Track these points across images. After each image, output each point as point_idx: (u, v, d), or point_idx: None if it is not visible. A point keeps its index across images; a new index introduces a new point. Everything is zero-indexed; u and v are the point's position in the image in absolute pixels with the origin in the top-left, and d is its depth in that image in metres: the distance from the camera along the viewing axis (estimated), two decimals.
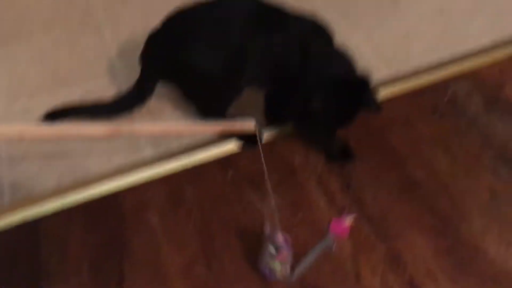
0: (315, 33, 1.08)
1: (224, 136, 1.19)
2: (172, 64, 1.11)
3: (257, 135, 1.18)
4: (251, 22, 1.05)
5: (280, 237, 0.94)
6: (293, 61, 1.05)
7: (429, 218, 1.03)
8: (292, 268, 0.97)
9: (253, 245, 1.00)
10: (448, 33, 1.39)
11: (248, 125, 1.01)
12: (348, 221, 1.03)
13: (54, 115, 1.20)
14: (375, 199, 1.07)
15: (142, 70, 1.18)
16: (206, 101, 1.16)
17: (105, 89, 1.31)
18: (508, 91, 1.25)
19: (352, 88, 0.99)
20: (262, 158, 0.97)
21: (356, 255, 0.99)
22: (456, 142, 1.16)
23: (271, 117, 1.17)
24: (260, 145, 1.00)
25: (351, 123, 1.03)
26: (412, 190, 1.08)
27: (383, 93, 1.26)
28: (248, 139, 1.20)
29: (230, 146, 1.18)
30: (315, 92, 1.00)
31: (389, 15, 1.45)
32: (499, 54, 1.32)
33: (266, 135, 1.19)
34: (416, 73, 1.30)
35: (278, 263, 0.93)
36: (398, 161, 1.13)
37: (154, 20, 1.15)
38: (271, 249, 0.93)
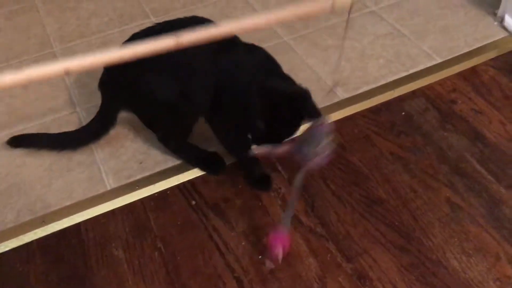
0: (262, 62, 1.08)
1: (186, 163, 1.19)
2: (128, 92, 1.10)
3: (220, 160, 1.18)
4: (202, 47, 1.05)
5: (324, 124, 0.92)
6: (238, 87, 1.05)
7: (392, 235, 1.05)
8: None
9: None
10: (402, 53, 1.43)
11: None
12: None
13: (18, 141, 1.22)
14: (339, 218, 1.08)
15: (102, 100, 1.17)
16: (165, 129, 1.16)
17: (64, 123, 1.29)
18: (460, 106, 1.29)
19: (293, 102, 1.00)
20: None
21: (323, 275, 0.99)
22: (414, 158, 1.18)
23: (229, 146, 1.17)
24: None
25: (293, 134, 1.04)
26: (375, 207, 1.10)
27: (342, 112, 1.29)
28: (211, 165, 1.20)
29: (193, 172, 1.18)
30: (258, 112, 1.00)
31: (345, 37, 1.49)
32: (450, 71, 1.37)
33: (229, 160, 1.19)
34: (373, 91, 1.33)
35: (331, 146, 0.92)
36: (360, 179, 1.15)
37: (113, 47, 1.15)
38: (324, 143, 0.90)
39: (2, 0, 1.72)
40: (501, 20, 1.48)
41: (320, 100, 1.30)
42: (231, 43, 1.07)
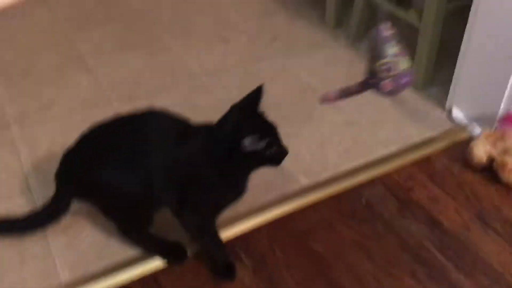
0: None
1: (148, 254, 1.16)
2: (86, 182, 1.08)
3: (182, 249, 1.16)
4: (159, 137, 1.06)
5: (386, 29, 0.80)
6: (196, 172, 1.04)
7: None
8: None
9: None
10: (359, 142, 1.49)
11: None
12: None
13: None
14: None
15: (56, 188, 1.14)
16: (124, 220, 1.14)
17: (19, 209, 1.25)
18: (417, 193, 1.34)
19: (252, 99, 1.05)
20: None
21: None
22: (376, 245, 1.20)
23: (199, 232, 1.15)
24: None
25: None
26: None
27: (304, 201, 1.31)
28: (174, 255, 1.17)
29: (156, 263, 1.14)
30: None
31: (305, 125, 1.54)
32: (405, 160, 1.43)
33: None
34: (333, 179, 1.37)
35: (406, 59, 0.80)
36: (323, 267, 1.15)
37: (74, 135, 1.14)
38: (390, 50, 0.78)
39: None
40: (449, 112, 1.58)
41: (281, 188, 1.34)
42: (187, 131, 1.08)
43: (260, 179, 1.35)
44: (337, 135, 1.51)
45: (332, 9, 1.97)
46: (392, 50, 0.83)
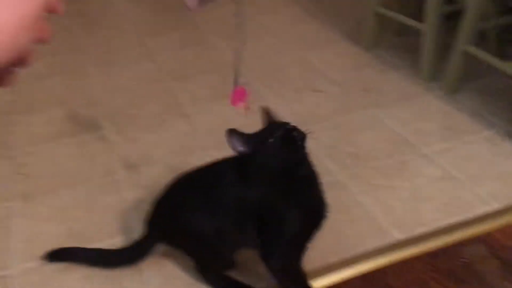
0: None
1: None
2: (172, 227, 1.17)
3: None
4: (234, 181, 1.09)
5: None
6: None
7: None
8: None
9: None
10: (457, 197, 1.43)
11: None
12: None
13: (56, 255, 1.30)
14: None
15: (145, 232, 1.24)
16: (205, 261, 1.20)
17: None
18: None
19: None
20: None
21: None
22: None
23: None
24: None
25: None
26: None
27: (397, 256, 1.26)
28: None
29: None
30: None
31: (398, 178, 1.51)
32: (510, 219, 1.34)
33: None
34: (428, 235, 1.31)
35: None
36: None
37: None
38: None
39: (75, 130, 1.88)
40: None
41: (373, 241, 1.30)
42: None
43: (353, 231, 1.33)
44: (433, 189, 1.46)
45: (427, 60, 1.95)
46: None
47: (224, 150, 1.45)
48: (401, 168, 1.55)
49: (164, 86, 2.14)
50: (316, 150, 1.64)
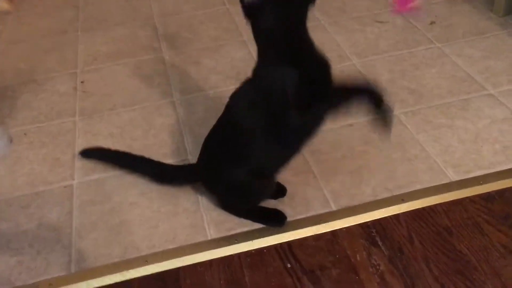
0: None
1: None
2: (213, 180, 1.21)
3: (281, 214, 1.20)
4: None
5: None
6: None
7: None
8: None
9: None
10: None
11: None
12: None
13: (90, 153, 1.40)
14: None
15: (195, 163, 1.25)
16: (240, 203, 1.23)
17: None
18: None
19: None
20: None
21: None
22: None
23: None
24: None
25: None
26: None
27: (451, 195, 1.24)
28: (275, 219, 1.22)
29: (292, 234, 1.18)
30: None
31: (458, 117, 1.45)
32: None
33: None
34: (486, 177, 1.27)
35: None
36: (466, 269, 1.08)
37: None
38: None
39: (134, 50, 1.90)
40: None
41: (427, 180, 1.28)
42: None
43: (407, 169, 1.31)
44: (496, 131, 1.40)
45: None
46: None
47: None
48: (464, 108, 1.48)
49: (222, 9, 2.10)
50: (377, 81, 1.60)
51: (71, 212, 1.28)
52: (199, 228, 1.21)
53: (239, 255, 1.15)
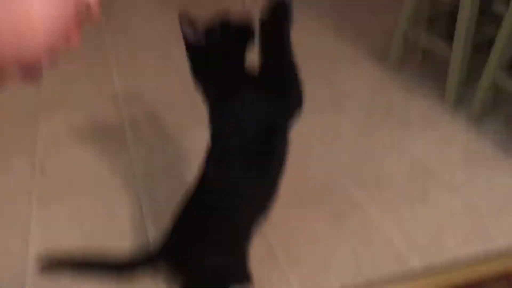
0: None
1: None
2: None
3: None
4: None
5: None
6: None
7: None
8: None
9: None
10: (479, 228, 1.40)
11: None
12: None
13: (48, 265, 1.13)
14: None
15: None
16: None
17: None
18: None
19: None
20: None
21: None
22: None
23: None
24: None
25: None
26: None
27: (415, 284, 1.24)
28: None
29: None
30: None
31: (419, 205, 1.49)
32: None
33: None
34: (449, 267, 1.29)
35: None
36: None
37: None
38: None
39: (97, 134, 1.89)
40: None
41: (391, 267, 1.28)
42: None
43: (370, 255, 1.32)
44: (455, 219, 1.44)
45: (454, 85, 1.93)
46: None
47: None
48: (423, 195, 1.53)
49: (187, 94, 2.13)
50: (337, 171, 1.64)
51: None
52: None
53: None
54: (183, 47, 1.08)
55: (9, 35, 0.45)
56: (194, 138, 1.83)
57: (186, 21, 1.00)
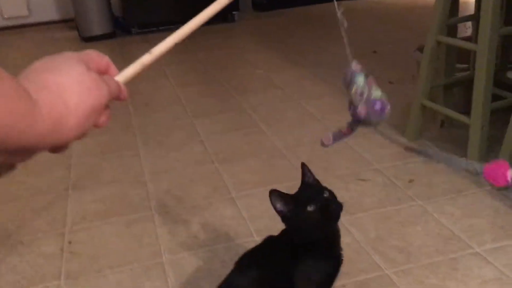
0: None
1: None
2: None
3: None
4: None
5: (357, 64, 0.85)
6: None
7: None
8: None
9: None
10: None
11: None
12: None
13: None
14: None
15: None
16: None
17: None
18: None
19: None
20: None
21: None
22: None
23: None
24: None
25: None
26: None
27: None
28: None
29: None
30: None
31: (449, 277, 1.46)
32: None
33: None
34: None
35: (378, 89, 0.83)
36: None
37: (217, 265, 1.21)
38: (361, 79, 0.83)
39: (124, 209, 1.93)
40: None
41: None
42: None
43: None
44: None
45: (475, 153, 1.94)
46: (363, 79, 0.85)
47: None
48: (453, 267, 1.50)
49: (211, 168, 2.19)
50: (363, 242, 1.63)
51: None
52: None
53: None
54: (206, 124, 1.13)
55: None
56: (218, 211, 1.86)
57: (276, 196, 1.13)
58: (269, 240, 1.24)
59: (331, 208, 1.13)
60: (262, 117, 2.65)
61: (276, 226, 1.79)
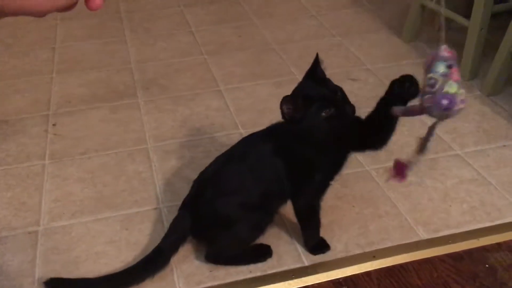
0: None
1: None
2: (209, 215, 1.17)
3: (267, 248, 1.23)
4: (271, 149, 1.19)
5: (446, 51, 0.78)
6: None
7: None
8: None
9: None
10: (487, 202, 1.40)
11: None
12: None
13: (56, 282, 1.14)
14: None
15: (176, 223, 1.19)
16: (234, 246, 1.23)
17: (145, 218, 1.35)
18: None
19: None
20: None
21: None
22: None
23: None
24: None
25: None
26: None
27: (421, 253, 1.25)
28: (262, 255, 1.24)
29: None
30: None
31: (428, 175, 1.49)
32: None
33: None
34: (455, 236, 1.30)
35: (455, 84, 0.77)
36: None
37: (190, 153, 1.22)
38: (441, 68, 0.77)
39: (109, 95, 1.90)
40: None
41: (398, 237, 1.30)
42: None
43: (378, 225, 1.33)
44: (464, 192, 1.44)
45: (469, 58, 1.90)
46: (443, 68, 0.79)
47: (252, 129, 1.45)
48: (433, 167, 1.52)
49: (199, 59, 2.13)
50: None
51: (34, 261, 1.23)
52: (169, 281, 1.18)
53: None
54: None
55: None
56: (204, 102, 1.84)
57: (287, 101, 1.08)
58: (250, 138, 1.25)
59: (345, 110, 1.10)
60: (254, 9, 2.54)
61: (262, 120, 1.79)
